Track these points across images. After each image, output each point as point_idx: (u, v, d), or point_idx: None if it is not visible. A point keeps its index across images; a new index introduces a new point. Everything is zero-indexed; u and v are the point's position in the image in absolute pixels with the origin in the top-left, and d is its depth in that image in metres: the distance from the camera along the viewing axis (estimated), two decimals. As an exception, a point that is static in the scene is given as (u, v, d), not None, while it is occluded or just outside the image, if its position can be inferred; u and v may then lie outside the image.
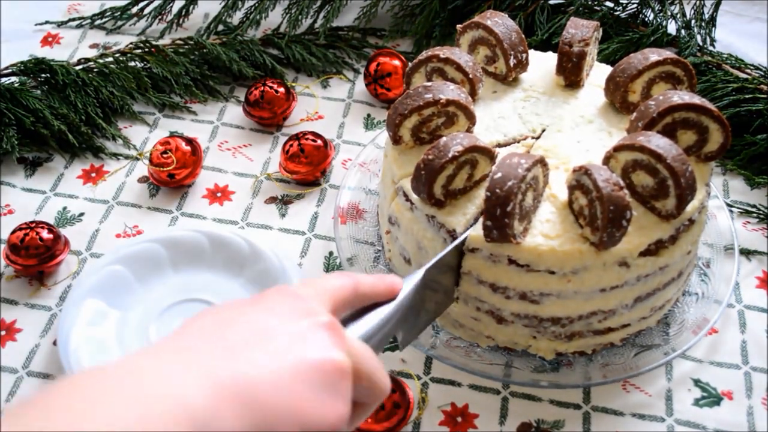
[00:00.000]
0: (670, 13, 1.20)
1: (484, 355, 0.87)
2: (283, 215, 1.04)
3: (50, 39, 1.28)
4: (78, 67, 1.16)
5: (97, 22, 1.29)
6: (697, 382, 0.88)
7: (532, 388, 0.86)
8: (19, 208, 1.04)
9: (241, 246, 0.96)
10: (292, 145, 1.04)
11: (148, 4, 1.29)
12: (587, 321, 0.83)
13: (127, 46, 1.20)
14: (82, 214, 1.04)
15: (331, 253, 1.00)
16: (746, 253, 0.99)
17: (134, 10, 1.29)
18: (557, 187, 0.81)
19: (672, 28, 1.21)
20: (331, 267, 0.98)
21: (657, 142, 0.77)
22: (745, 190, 1.06)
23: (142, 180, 1.08)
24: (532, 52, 0.95)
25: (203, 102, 1.18)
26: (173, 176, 1.04)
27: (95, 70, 1.17)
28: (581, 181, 0.76)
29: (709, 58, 1.16)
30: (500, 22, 0.90)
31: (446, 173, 0.79)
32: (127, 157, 1.10)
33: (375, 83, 1.15)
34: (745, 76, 1.12)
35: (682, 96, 0.82)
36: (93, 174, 1.09)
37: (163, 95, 1.17)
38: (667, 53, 0.87)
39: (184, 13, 1.28)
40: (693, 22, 1.20)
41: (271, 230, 1.02)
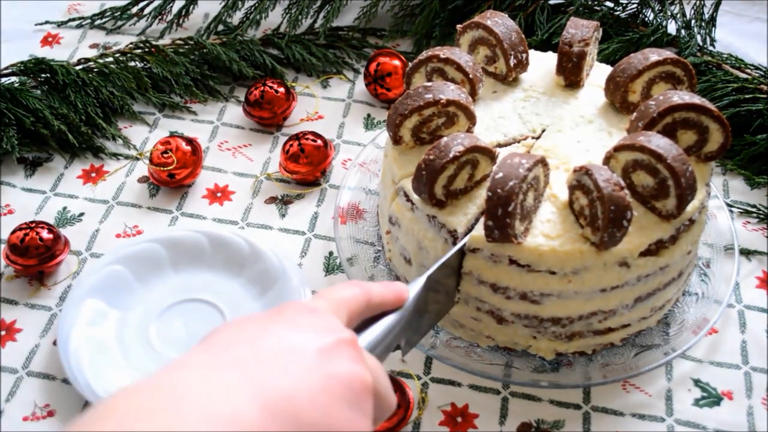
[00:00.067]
0: (670, 13, 1.20)
1: (484, 355, 0.87)
2: (283, 215, 1.04)
3: (50, 39, 1.28)
4: (78, 67, 1.16)
5: (97, 22, 1.29)
6: (697, 382, 0.88)
7: (532, 388, 0.86)
8: (19, 208, 1.04)
9: (241, 246, 0.96)
10: (292, 145, 1.04)
11: (148, 4, 1.29)
12: (588, 321, 0.83)
13: (127, 46, 1.20)
14: (82, 214, 1.04)
15: (331, 253, 1.00)
16: (746, 253, 0.99)
17: (134, 10, 1.29)
18: (558, 187, 0.81)
19: (672, 28, 1.21)
20: (331, 267, 0.98)
21: (657, 142, 0.77)
22: (745, 190, 1.06)
23: (142, 180, 1.08)
24: (532, 52, 0.95)
25: (203, 102, 1.18)
26: (173, 176, 1.04)
27: (95, 70, 1.17)
28: (582, 181, 0.76)
29: (709, 58, 1.16)
30: (500, 22, 0.90)
31: (447, 173, 0.79)
32: (127, 157, 1.10)
33: (375, 83, 1.15)
34: (745, 76, 1.12)
35: (682, 96, 0.82)
36: (93, 174, 1.09)
37: (163, 95, 1.17)
38: (667, 53, 0.87)
39: (184, 13, 1.28)
40: (693, 22, 1.20)
41: (271, 230, 1.02)
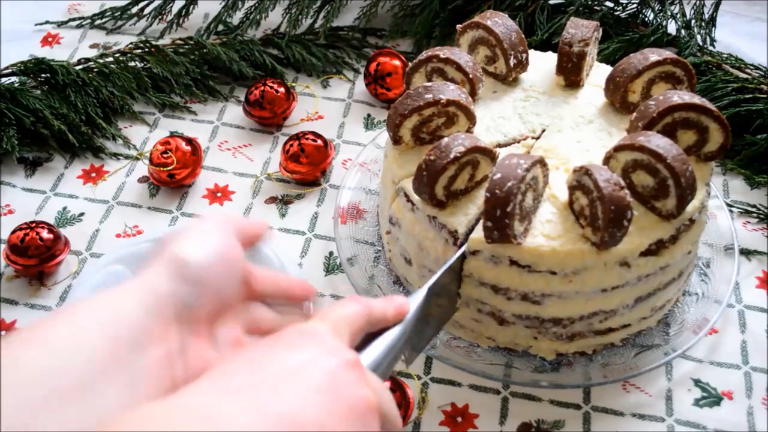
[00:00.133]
0: (670, 13, 1.20)
1: (484, 355, 0.86)
2: (283, 215, 1.04)
3: (50, 39, 1.28)
4: (78, 67, 1.16)
5: (97, 22, 1.29)
6: (697, 382, 0.88)
7: (532, 388, 0.86)
8: (19, 208, 1.04)
9: (241, 246, 0.96)
10: (292, 145, 1.04)
11: (148, 4, 1.29)
12: (588, 321, 0.83)
13: (127, 46, 1.20)
14: (82, 214, 1.04)
15: (331, 253, 1.00)
16: (746, 253, 0.99)
17: (134, 10, 1.29)
18: (557, 188, 0.81)
19: (672, 28, 1.21)
20: (331, 267, 0.98)
21: (657, 142, 0.77)
22: (745, 190, 1.06)
23: (142, 180, 1.08)
24: (532, 52, 0.95)
25: (203, 102, 1.18)
26: (173, 176, 1.04)
27: (95, 70, 1.17)
28: (582, 182, 0.76)
29: (709, 58, 1.16)
30: (500, 22, 0.90)
31: (448, 174, 0.79)
32: (127, 157, 1.10)
33: (375, 83, 1.15)
34: (745, 76, 1.12)
35: (682, 96, 0.82)
36: (93, 174, 1.09)
37: (163, 95, 1.17)
38: (667, 53, 0.87)
39: (184, 13, 1.28)
40: (693, 22, 1.20)
41: (271, 230, 1.02)
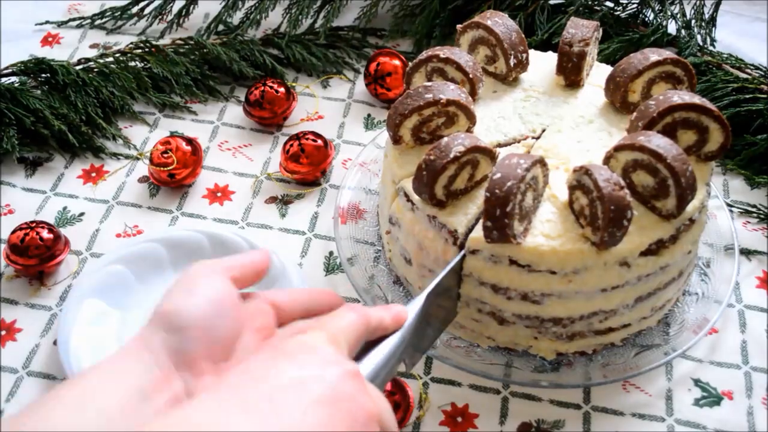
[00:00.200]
0: (670, 13, 1.20)
1: (484, 355, 0.86)
2: (283, 215, 1.04)
3: (50, 39, 1.28)
4: (78, 67, 1.16)
5: (97, 22, 1.29)
6: (697, 382, 0.88)
7: (532, 388, 0.86)
8: (19, 208, 1.04)
9: (241, 246, 0.96)
10: (292, 145, 1.04)
11: (148, 4, 1.29)
12: (588, 321, 0.83)
13: (127, 46, 1.20)
14: (83, 214, 1.04)
15: (331, 253, 1.00)
16: (746, 253, 0.99)
17: (134, 10, 1.29)
18: (557, 187, 0.81)
19: (672, 28, 1.21)
20: (331, 267, 0.98)
21: (657, 142, 0.77)
22: (745, 190, 1.06)
23: (143, 180, 1.08)
24: (532, 52, 0.95)
25: (203, 102, 1.18)
26: (173, 176, 1.04)
27: (95, 70, 1.17)
28: (582, 181, 0.76)
29: (709, 58, 1.16)
30: (500, 22, 0.90)
31: (448, 174, 0.79)
32: (128, 157, 1.10)
33: (375, 83, 1.15)
34: (745, 76, 1.12)
35: (682, 96, 0.82)
36: (93, 174, 1.09)
37: (163, 95, 1.17)
38: (667, 53, 0.87)
39: (184, 13, 1.28)
40: (693, 22, 1.20)
41: (271, 230, 1.02)
